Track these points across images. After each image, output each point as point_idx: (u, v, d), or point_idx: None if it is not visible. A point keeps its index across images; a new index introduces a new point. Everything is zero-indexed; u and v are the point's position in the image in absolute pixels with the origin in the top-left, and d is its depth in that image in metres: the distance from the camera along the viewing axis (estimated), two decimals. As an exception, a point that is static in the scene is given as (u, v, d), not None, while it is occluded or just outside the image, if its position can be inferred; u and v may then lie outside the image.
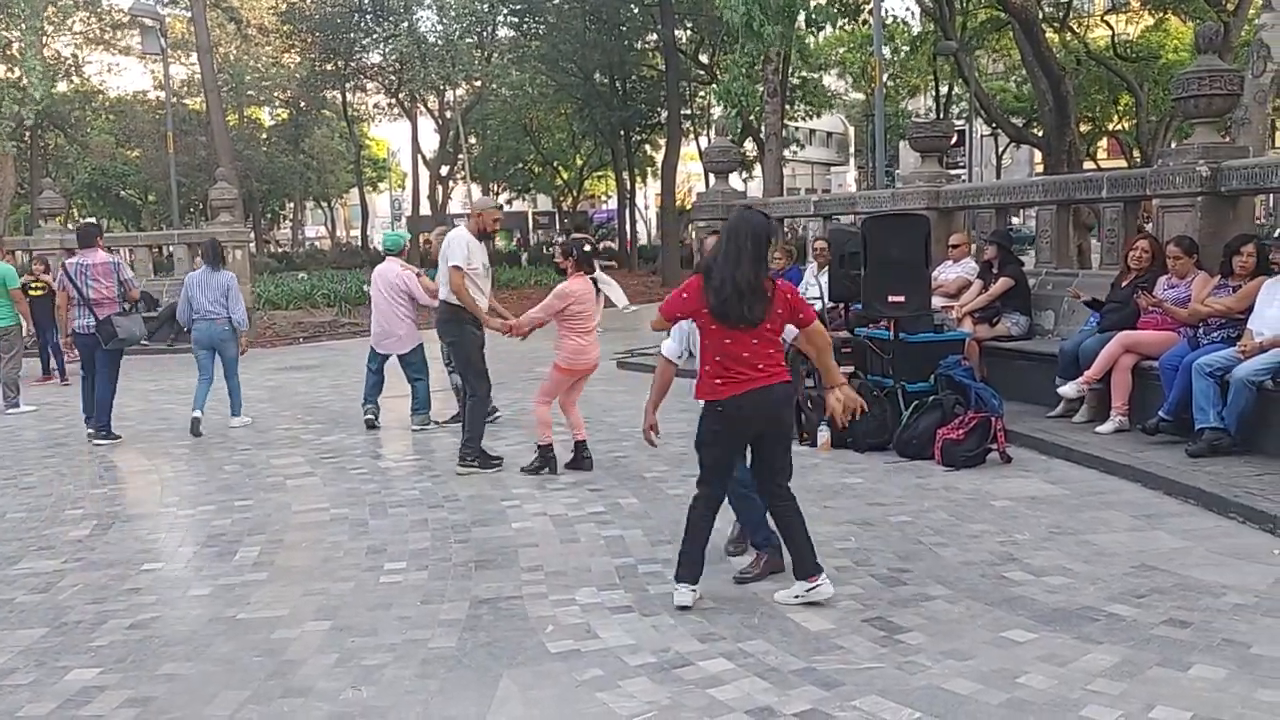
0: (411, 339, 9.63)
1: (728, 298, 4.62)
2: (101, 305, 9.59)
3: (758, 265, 4.66)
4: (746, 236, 4.68)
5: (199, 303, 10.10)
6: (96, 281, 9.65)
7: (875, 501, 6.72)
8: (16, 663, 4.55)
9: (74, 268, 9.75)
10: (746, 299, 4.61)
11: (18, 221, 35.62)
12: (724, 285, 4.63)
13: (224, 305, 10.08)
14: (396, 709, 3.99)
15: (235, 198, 19.66)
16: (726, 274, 4.63)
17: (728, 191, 15.26)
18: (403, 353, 9.62)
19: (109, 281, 9.71)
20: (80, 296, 9.60)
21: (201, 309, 10.09)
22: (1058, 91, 20.85)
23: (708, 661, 4.30)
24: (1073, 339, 8.66)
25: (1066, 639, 4.43)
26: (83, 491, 7.94)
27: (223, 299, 10.05)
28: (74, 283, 9.64)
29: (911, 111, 44.77)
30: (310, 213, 61.82)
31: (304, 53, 37.78)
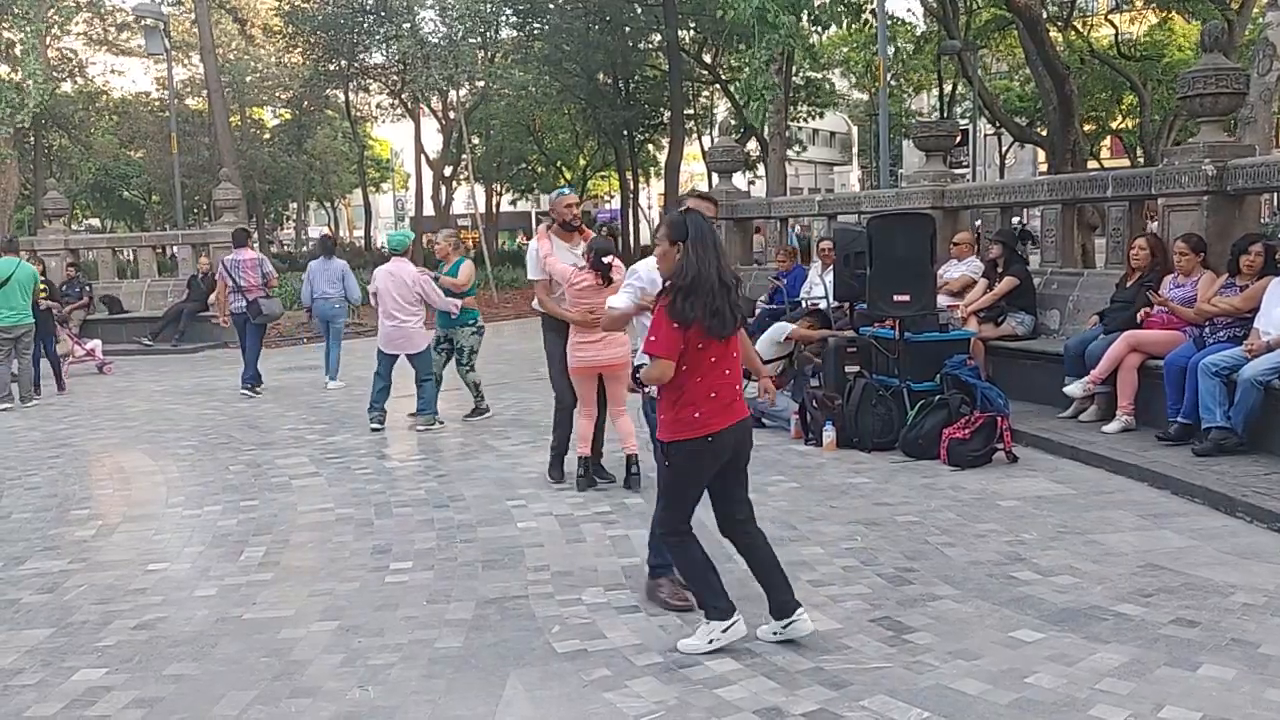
0: (423, 338, 9.62)
1: (719, 307, 4.24)
2: (250, 291, 12.15)
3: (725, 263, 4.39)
4: (711, 237, 4.35)
5: (319, 286, 12.77)
6: (246, 273, 12.19)
7: (881, 501, 6.71)
8: (23, 663, 4.55)
9: (230, 262, 12.30)
10: (734, 301, 4.32)
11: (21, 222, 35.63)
12: (714, 295, 4.23)
13: (340, 287, 12.79)
14: (403, 709, 3.98)
15: (239, 198, 19.69)
16: (714, 281, 4.24)
17: (731, 191, 15.28)
18: (413, 352, 9.59)
19: (255, 273, 12.24)
20: (234, 284, 12.13)
21: (320, 290, 12.74)
22: (1062, 91, 20.83)
23: (715, 661, 4.29)
24: (1078, 338, 8.65)
25: (1074, 639, 4.42)
26: (88, 492, 7.95)
27: (339, 281, 12.75)
28: (230, 274, 12.20)
29: (915, 111, 44.75)
30: (314, 213, 61.83)
31: (307, 53, 37.77)
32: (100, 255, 20.69)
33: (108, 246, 21.52)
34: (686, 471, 4.43)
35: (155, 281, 19.65)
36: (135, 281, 19.91)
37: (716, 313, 4.23)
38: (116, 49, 38.60)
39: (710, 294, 4.22)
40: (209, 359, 16.45)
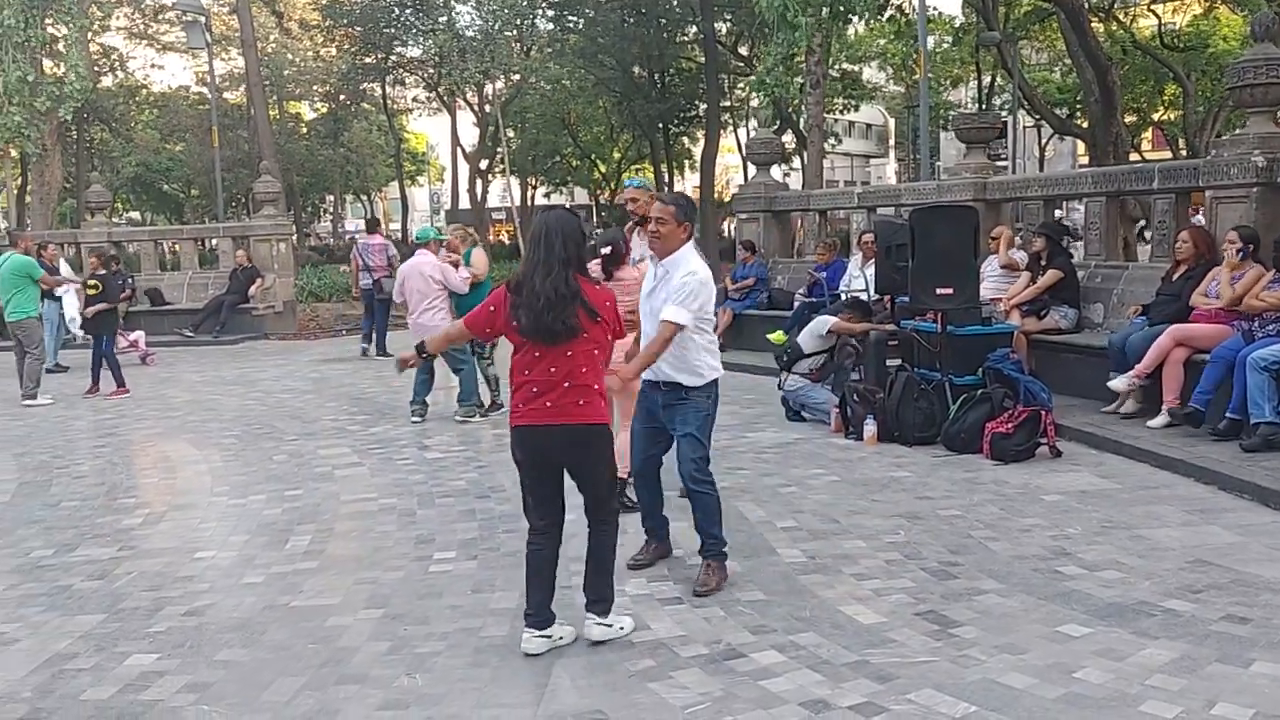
0: None
1: (539, 311, 4.19)
2: (376, 271, 14.55)
3: (569, 270, 4.24)
4: (556, 239, 4.25)
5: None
6: (374, 255, 14.79)
7: (924, 495, 6.67)
8: (77, 647, 4.63)
9: (361, 246, 15.14)
10: (557, 309, 4.18)
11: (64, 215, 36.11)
12: (535, 298, 4.20)
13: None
14: (450, 697, 4.01)
15: (279, 191, 19.83)
16: (537, 284, 4.21)
17: (769, 183, 15.23)
18: None
19: (381, 256, 14.82)
20: (364, 265, 14.75)
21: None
22: (1104, 82, 20.58)
23: (759, 654, 4.29)
24: (1122, 332, 8.55)
25: (1123, 634, 4.38)
26: (134, 481, 8.07)
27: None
28: (361, 256, 14.89)
29: (954, 103, 44.33)
30: (350, 206, 62.24)
31: (343, 46, 38.01)
32: (142, 248, 20.92)
33: (150, 239, 21.75)
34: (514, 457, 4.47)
35: (196, 274, 19.86)
36: (177, 274, 20.12)
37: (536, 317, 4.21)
38: (157, 43, 38.99)
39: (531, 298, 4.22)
40: (249, 350, 16.62)
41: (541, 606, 4.41)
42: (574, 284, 4.23)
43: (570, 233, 4.31)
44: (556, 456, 4.36)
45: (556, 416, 4.27)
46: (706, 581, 5.04)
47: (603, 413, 4.39)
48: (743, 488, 6.94)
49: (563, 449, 4.34)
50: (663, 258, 5.13)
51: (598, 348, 4.35)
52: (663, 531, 5.48)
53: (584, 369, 4.29)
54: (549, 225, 4.33)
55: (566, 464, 4.40)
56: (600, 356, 4.38)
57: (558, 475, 4.42)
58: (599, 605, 4.46)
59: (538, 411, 4.29)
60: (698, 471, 5.10)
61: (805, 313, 11.33)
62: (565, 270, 4.22)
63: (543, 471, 4.40)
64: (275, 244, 19.01)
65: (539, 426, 4.30)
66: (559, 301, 4.18)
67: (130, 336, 15.31)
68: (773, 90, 18.67)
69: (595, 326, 4.30)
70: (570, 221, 4.39)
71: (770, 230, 14.81)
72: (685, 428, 5.11)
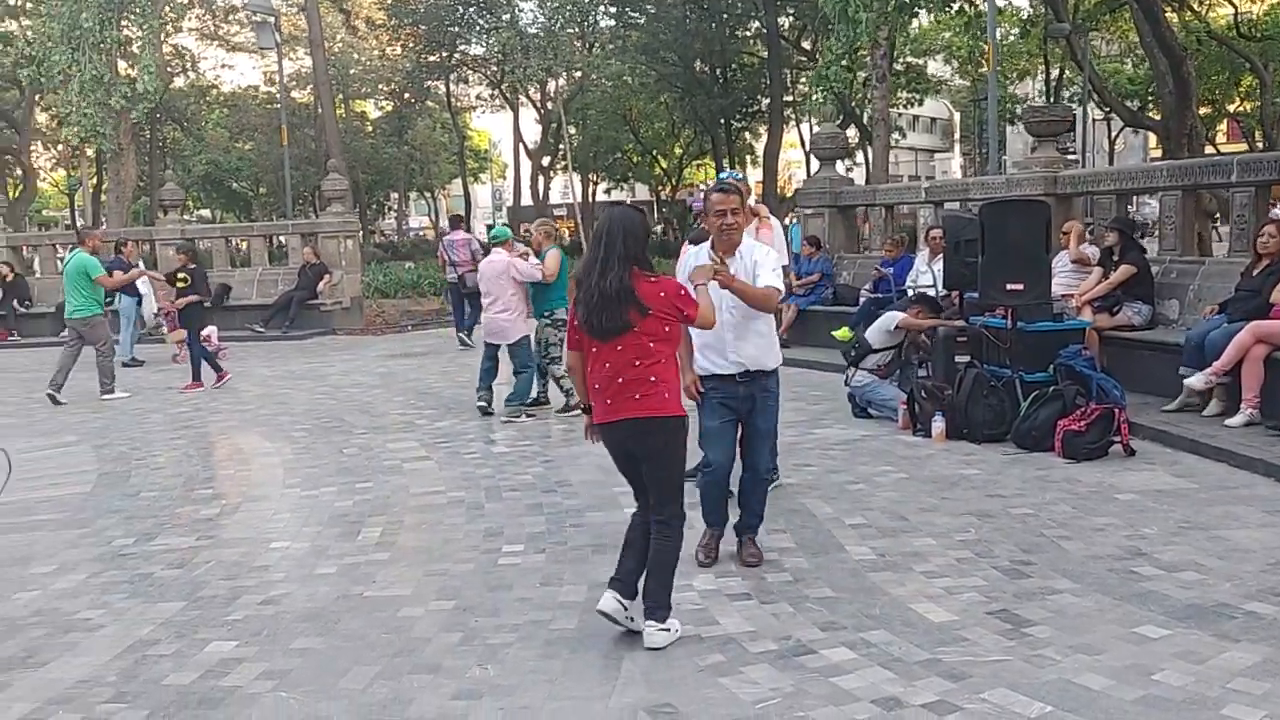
0: (516, 330, 9.59)
1: (593, 307, 4.27)
2: (460, 265, 15.24)
3: (625, 267, 4.27)
4: (618, 236, 4.30)
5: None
6: (458, 250, 15.56)
7: (994, 493, 6.59)
8: (159, 634, 4.74)
9: (446, 242, 16.21)
10: (610, 306, 4.24)
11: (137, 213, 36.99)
12: (591, 294, 4.28)
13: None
14: (521, 688, 4.05)
15: (346, 188, 20.11)
16: (594, 281, 4.28)
17: (834, 178, 15.12)
18: (507, 343, 9.66)
19: (465, 251, 15.50)
20: (449, 259, 15.66)
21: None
22: (1179, 73, 20.12)
23: (830, 650, 4.27)
24: (1199, 329, 8.35)
25: (1202, 636, 4.29)
26: (210, 472, 8.25)
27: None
28: (446, 251, 15.97)
29: (1020, 96, 43.64)
30: (414, 203, 62.89)
31: (408, 45, 38.44)
32: (214, 245, 21.36)
33: (221, 236, 22.22)
34: None
35: (266, 270, 20.22)
36: (247, 270, 20.51)
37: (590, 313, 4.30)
38: (227, 44, 39.77)
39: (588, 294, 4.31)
40: (317, 345, 16.89)
41: (629, 574, 4.44)
42: (628, 281, 4.25)
43: (631, 229, 4.35)
44: (631, 450, 4.43)
45: (631, 410, 4.31)
46: (753, 552, 5.33)
47: (666, 405, 4.35)
48: (810, 484, 6.91)
49: (631, 443, 4.39)
50: (732, 251, 5.10)
51: (654, 340, 4.32)
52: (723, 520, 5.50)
53: (637, 362, 4.29)
54: (611, 221, 4.40)
55: (630, 459, 4.45)
56: (659, 349, 4.35)
57: (637, 468, 4.47)
58: (658, 612, 4.37)
59: (603, 409, 4.38)
60: (772, 461, 5.47)
61: (871, 309, 11.23)
62: (622, 267, 4.26)
63: (628, 464, 4.49)
64: (342, 241, 19.30)
65: (609, 424, 4.39)
66: (612, 299, 4.24)
67: (204, 332, 15.61)
68: (833, 86, 18.63)
69: (647, 320, 4.28)
70: (632, 217, 4.44)
71: (835, 225, 14.70)
72: (768, 422, 5.31)
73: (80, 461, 8.62)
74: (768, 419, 5.31)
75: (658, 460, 4.39)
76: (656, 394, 4.32)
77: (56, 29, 22.79)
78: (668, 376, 4.38)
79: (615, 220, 4.40)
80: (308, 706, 3.97)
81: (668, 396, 4.36)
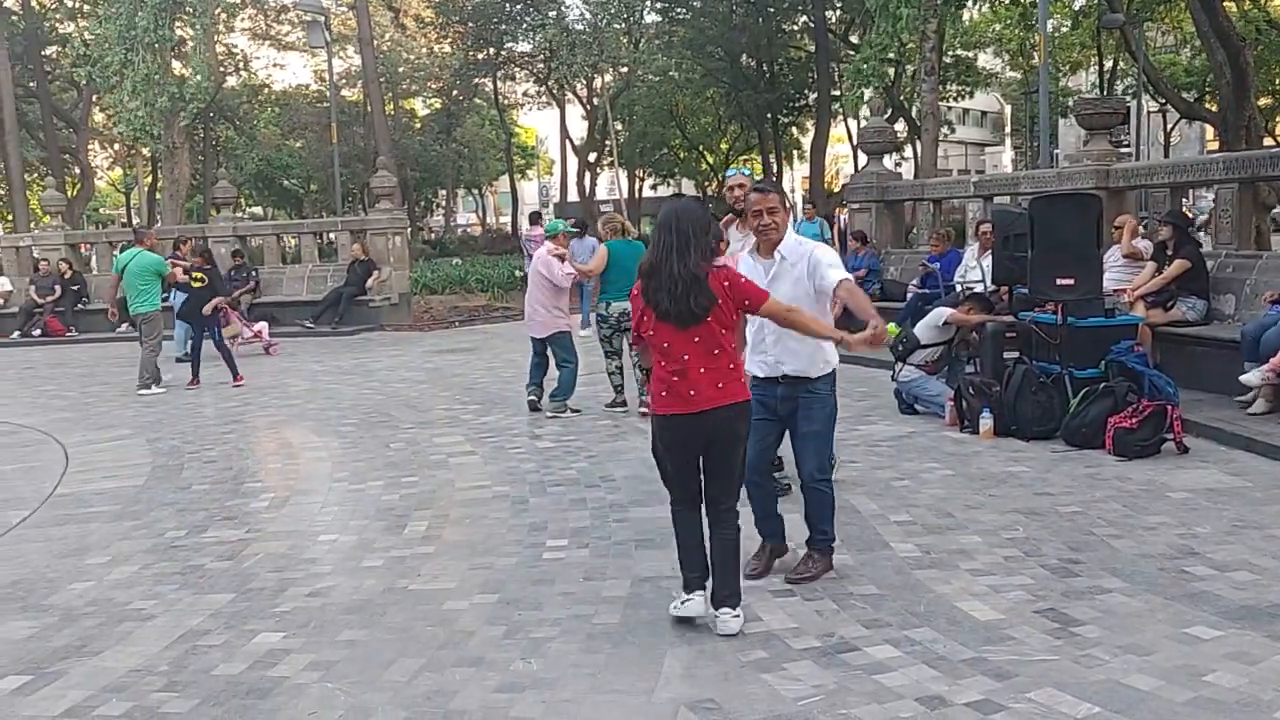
0: (549, 325, 9.55)
1: (677, 293, 4.30)
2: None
3: (702, 255, 4.36)
4: (688, 225, 4.37)
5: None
6: (534, 246, 15.04)
7: (1043, 491, 6.50)
8: (209, 624, 4.82)
9: (524, 237, 18.41)
10: (693, 291, 4.29)
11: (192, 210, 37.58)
12: (674, 281, 4.31)
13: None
14: (564, 681, 4.07)
15: (395, 185, 20.29)
16: (674, 269, 4.32)
17: (882, 173, 15.01)
18: (540, 336, 9.62)
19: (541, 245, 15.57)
20: (527, 254, 16.94)
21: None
22: (1236, 63, 19.71)
23: (873, 648, 4.25)
24: (1255, 324, 8.18)
25: (1256, 637, 4.21)
26: (259, 466, 8.37)
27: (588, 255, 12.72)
28: (524, 247, 17.71)
29: (1073, 89, 43.00)
30: (461, 200, 63.29)
31: (456, 42, 38.68)
32: (265, 241, 21.65)
33: (272, 233, 22.50)
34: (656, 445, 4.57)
35: (316, 266, 20.45)
36: (297, 267, 20.76)
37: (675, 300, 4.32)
38: (278, 43, 40.27)
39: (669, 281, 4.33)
40: (365, 341, 17.05)
41: (706, 569, 4.50)
42: (701, 269, 4.32)
43: (699, 219, 4.44)
44: (698, 443, 4.44)
45: (717, 399, 4.35)
46: (804, 570, 5.05)
47: (744, 390, 4.48)
48: (855, 481, 6.86)
49: (716, 432, 4.40)
50: (771, 251, 5.01)
51: (724, 328, 4.40)
52: (779, 530, 5.28)
53: (715, 351, 4.37)
54: (679, 212, 4.47)
55: (705, 449, 4.46)
56: (729, 337, 4.43)
57: (697, 461, 4.49)
58: (731, 600, 4.46)
59: (683, 400, 4.37)
60: (819, 471, 5.04)
61: (918, 304, 11.14)
62: (697, 255, 4.33)
63: (686, 456, 4.48)
64: (391, 237, 19.47)
65: (693, 414, 4.37)
66: (692, 284, 4.29)
67: (255, 327, 15.86)
68: (869, 80, 18.53)
69: (717, 309, 4.35)
70: (698, 209, 4.55)
71: (883, 220, 14.59)
72: (811, 425, 5.00)
73: (134, 455, 8.78)
74: (811, 422, 4.97)
75: (735, 446, 4.48)
76: (735, 379, 4.44)
77: (113, 29, 23.21)
78: (740, 363, 4.53)
79: (683, 211, 4.47)
80: (353, 697, 4.02)
81: (742, 381, 4.50)
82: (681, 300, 4.29)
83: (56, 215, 22.47)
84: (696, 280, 4.28)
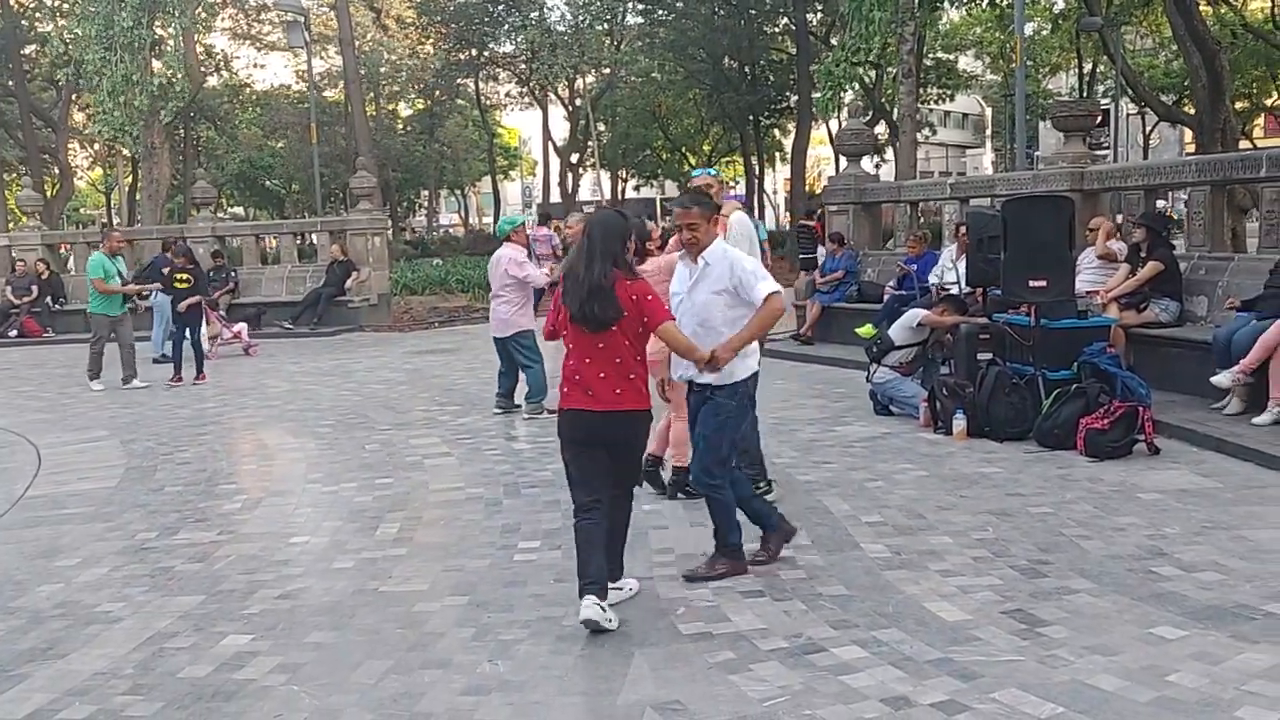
0: (511, 324, 9.46)
1: (583, 299, 4.51)
2: (543, 259, 16.60)
3: (613, 265, 4.53)
4: (602, 235, 4.58)
5: None
6: (540, 245, 17.53)
7: (1014, 492, 6.53)
8: (177, 627, 4.80)
9: (532, 237, 16.67)
10: (598, 297, 4.48)
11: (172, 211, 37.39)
12: (581, 286, 4.53)
13: None
14: (532, 684, 4.07)
15: (374, 186, 20.24)
16: (582, 275, 4.54)
17: (859, 175, 15.04)
18: (502, 336, 9.52)
19: (546, 245, 18.21)
20: (535, 254, 16.41)
21: None
22: (1212, 67, 19.87)
23: (841, 649, 4.26)
24: (1227, 327, 8.25)
25: (1220, 637, 4.24)
26: (234, 467, 8.34)
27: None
28: (532, 245, 15.90)
29: (1052, 91, 43.24)
30: (444, 200, 63.17)
31: (438, 43, 38.64)
32: (245, 242, 21.55)
33: (251, 234, 22.41)
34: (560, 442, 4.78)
35: (295, 267, 20.38)
36: (277, 267, 20.68)
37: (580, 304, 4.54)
38: (259, 43, 40.13)
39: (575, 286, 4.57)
40: (345, 342, 17.01)
41: (601, 573, 4.56)
42: (610, 278, 4.50)
43: (611, 229, 4.64)
44: (595, 441, 4.63)
45: (613, 404, 4.56)
46: (702, 570, 5.12)
47: (642, 400, 4.65)
48: (829, 482, 6.89)
49: (606, 432, 4.61)
50: (697, 256, 5.14)
51: (629, 339, 4.58)
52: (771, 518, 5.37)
53: (617, 360, 4.56)
54: (594, 222, 4.74)
55: (605, 449, 4.65)
56: (634, 347, 4.62)
57: (601, 456, 4.65)
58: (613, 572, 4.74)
59: (581, 398, 4.60)
60: (704, 474, 5.13)
61: (895, 306, 11.18)
62: (605, 263, 4.52)
63: (586, 451, 4.65)
64: (370, 238, 19.42)
65: (586, 412, 4.59)
66: (597, 291, 4.49)
67: (235, 328, 15.80)
68: (841, 82, 18.61)
69: (624, 319, 4.53)
70: (613, 219, 4.78)
71: (860, 222, 14.62)
72: (704, 427, 5.12)
73: (108, 456, 8.74)
74: (705, 424, 5.09)
75: (626, 450, 4.73)
76: (633, 388, 4.61)
77: (91, 29, 23.07)
78: (642, 373, 4.67)
79: (601, 221, 4.73)
80: (320, 700, 4.01)
81: (643, 391, 4.66)
82: (588, 306, 4.50)
83: (34, 215, 22.33)
84: (602, 289, 4.48)
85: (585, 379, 4.58)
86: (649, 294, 4.62)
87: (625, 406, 4.57)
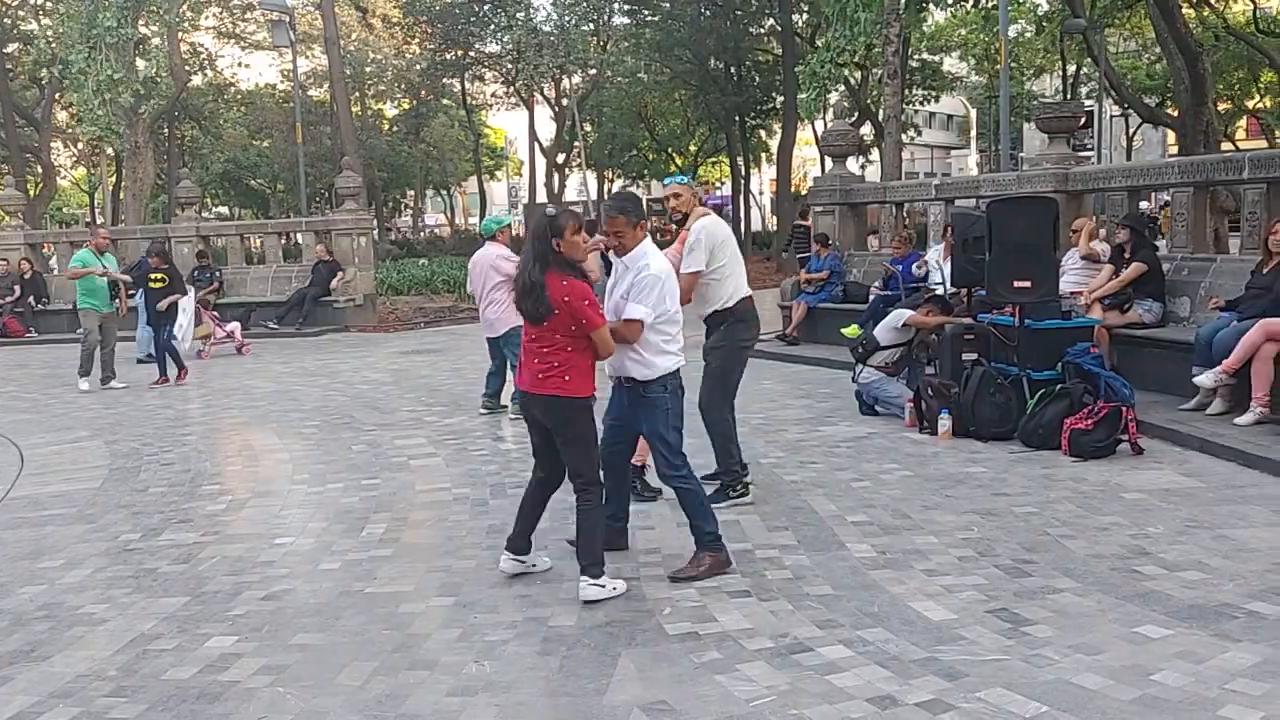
0: (503, 322, 9.34)
1: (519, 296, 4.96)
2: None
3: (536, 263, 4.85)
4: (530, 237, 4.99)
5: None
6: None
7: (999, 491, 6.56)
8: (161, 628, 4.78)
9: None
10: (530, 295, 4.86)
11: (156, 210, 37.20)
12: (520, 282, 4.97)
13: None
14: (518, 684, 4.06)
15: (360, 186, 20.18)
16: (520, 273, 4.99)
17: (845, 175, 15.08)
18: (496, 335, 9.48)
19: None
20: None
21: None
22: (1194, 69, 19.99)
23: (827, 648, 4.27)
24: (1210, 327, 8.30)
25: (1203, 636, 4.27)
26: (219, 468, 8.29)
27: None
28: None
29: (1037, 93, 43.44)
30: (430, 200, 63.05)
31: (424, 43, 38.56)
32: (229, 242, 21.46)
33: (236, 233, 22.32)
34: None
35: (280, 267, 20.31)
36: (261, 267, 20.61)
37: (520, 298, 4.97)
38: (244, 42, 39.96)
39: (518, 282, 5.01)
40: (330, 342, 16.96)
41: (520, 535, 5.21)
42: (539, 277, 4.83)
43: (539, 232, 4.95)
44: (533, 418, 5.11)
45: (536, 387, 4.97)
46: (687, 569, 5.16)
47: (565, 387, 4.90)
48: (815, 482, 6.90)
49: (540, 415, 5.05)
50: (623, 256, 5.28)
51: (560, 333, 4.88)
52: (620, 521, 5.56)
53: (546, 350, 4.92)
54: (536, 224, 5.04)
55: (539, 426, 5.09)
56: (565, 340, 4.88)
57: (542, 434, 5.11)
58: (592, 569, 4.91)
59: (528, 381, 5.02)
60: (668, 468, 5.23)
61: (880, 306, 11.21)
62: (535, 264, 4.86)
63: (532, 427, 5.15)
64: (356, 238, 19.36)
65: (528, 394, 5.05)
66: (528, 290, 4.88)
67: (227, 327, 15.74)
68: (824, 83, 18.67)
69: (556, 317, 4.84)
70: (540, 222, 5.03)
71: (845, 223, 14.66)
72: (646, 426, 5.28)
73: (92, 457, 8.69)
74: (650, 422, 5.23)
75: (561, 434, 5.03)
76: (559, 377, 4.91)
77: (75, 29, 22.94)
78: (573, 364, 4.92)
79: (532, 225, 5.06)
80: (304, 701, 3.99)
81: (568, 380, 4.91)
82: (524, 300, 4.91)
83: (16, 214, 22.18)
84: (535, 286, 4.84)
85: (526, 362, 5.06)
86: (585, 298, 4.87)
87: (547, 391, 4.93)
